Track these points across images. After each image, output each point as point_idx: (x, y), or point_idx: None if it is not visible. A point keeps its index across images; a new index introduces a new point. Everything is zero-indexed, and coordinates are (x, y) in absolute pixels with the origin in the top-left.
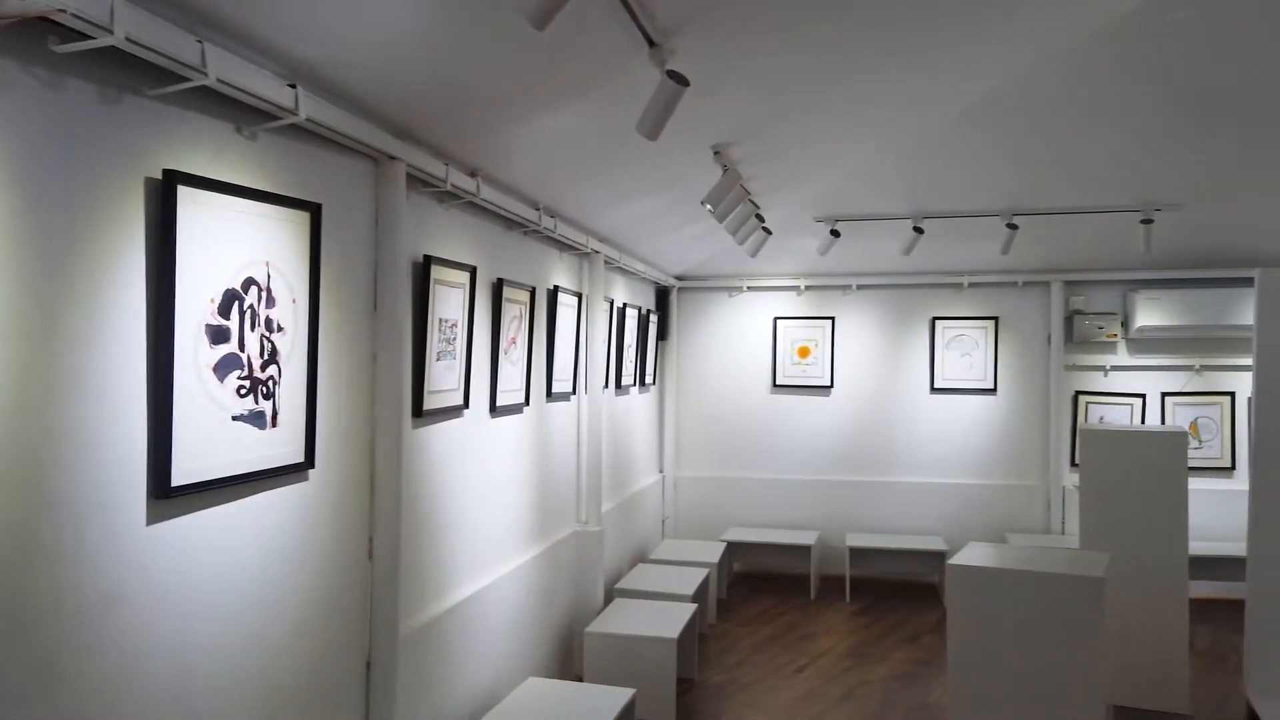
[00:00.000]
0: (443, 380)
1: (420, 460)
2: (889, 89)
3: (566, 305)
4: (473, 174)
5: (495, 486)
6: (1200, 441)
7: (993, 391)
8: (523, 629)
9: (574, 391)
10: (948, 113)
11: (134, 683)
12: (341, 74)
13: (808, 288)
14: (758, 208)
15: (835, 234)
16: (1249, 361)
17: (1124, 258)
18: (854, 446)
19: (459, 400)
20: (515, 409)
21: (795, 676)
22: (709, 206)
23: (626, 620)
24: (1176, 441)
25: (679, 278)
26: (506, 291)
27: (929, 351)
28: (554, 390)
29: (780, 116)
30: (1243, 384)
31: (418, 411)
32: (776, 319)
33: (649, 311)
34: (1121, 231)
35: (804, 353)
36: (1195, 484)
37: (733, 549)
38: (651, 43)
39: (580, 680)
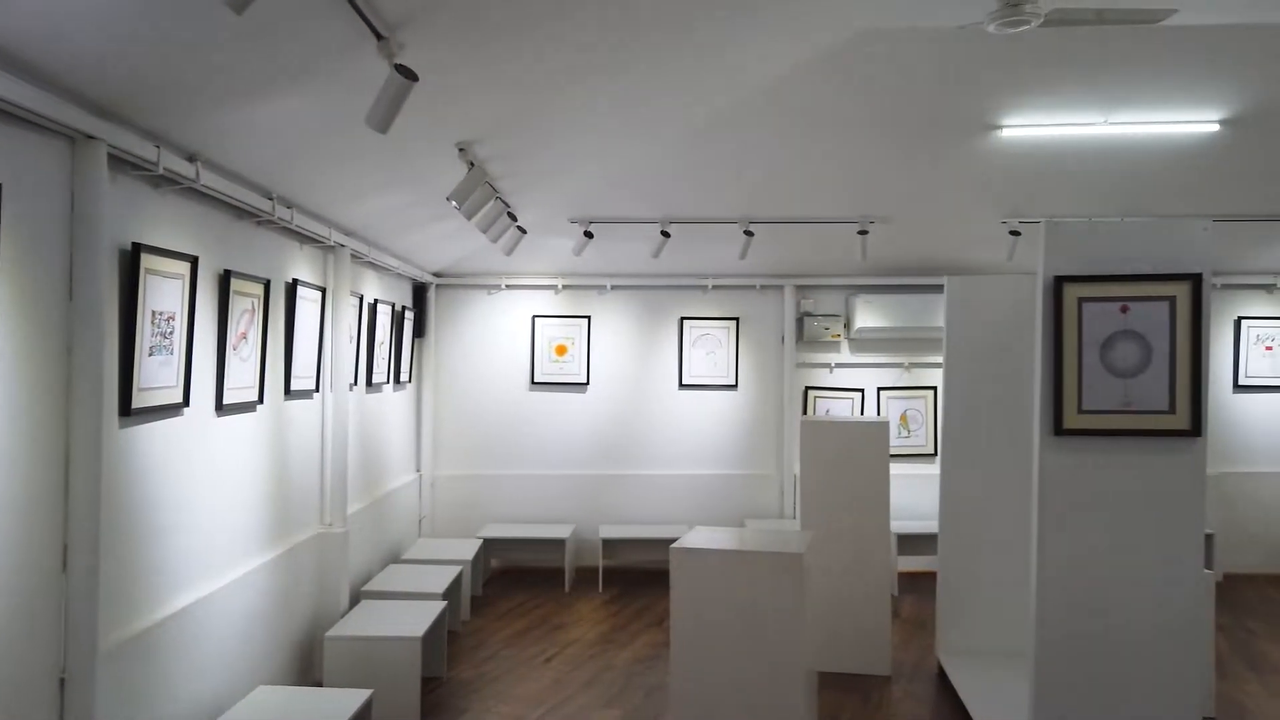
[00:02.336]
0: (157, 376)
1: (130, 462)
2: (632, 95)
3: (308, 300)
4: (191, 158)
5: (223, 488)
6: (909, 431)
7: (734, 387)
8: (255, 636)
9: (317, 389)
10: (690, 123)
11: None
12: (23, 44)
13: (565, 287)
14: (509, 207)
15: (589, 235)
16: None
17: (846, 264)
18: (608, 441)
19: (178, 398)
20: (247, 407)
21: (543, 667)
22: (454, 203)
23: (370, 622)
24: (879, 431)
25: (437, 274)
26: (235, 284)
27: (677, 349)
28: (293, 388)
29: (524, 116)
30: (941, 379)
31: (125, 410)
32: (535, 317)
33: (404, 308)
34: (843, 240)
35: (561, 351)
36: (905, 469)
37: (490, 545)
38: (379, 35)
39: (320, 686)
